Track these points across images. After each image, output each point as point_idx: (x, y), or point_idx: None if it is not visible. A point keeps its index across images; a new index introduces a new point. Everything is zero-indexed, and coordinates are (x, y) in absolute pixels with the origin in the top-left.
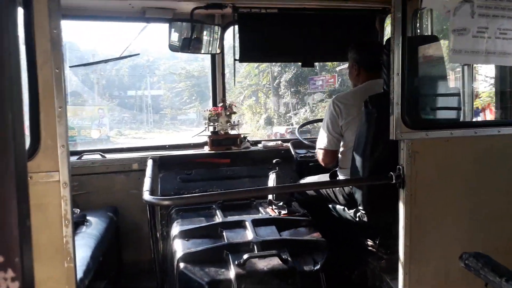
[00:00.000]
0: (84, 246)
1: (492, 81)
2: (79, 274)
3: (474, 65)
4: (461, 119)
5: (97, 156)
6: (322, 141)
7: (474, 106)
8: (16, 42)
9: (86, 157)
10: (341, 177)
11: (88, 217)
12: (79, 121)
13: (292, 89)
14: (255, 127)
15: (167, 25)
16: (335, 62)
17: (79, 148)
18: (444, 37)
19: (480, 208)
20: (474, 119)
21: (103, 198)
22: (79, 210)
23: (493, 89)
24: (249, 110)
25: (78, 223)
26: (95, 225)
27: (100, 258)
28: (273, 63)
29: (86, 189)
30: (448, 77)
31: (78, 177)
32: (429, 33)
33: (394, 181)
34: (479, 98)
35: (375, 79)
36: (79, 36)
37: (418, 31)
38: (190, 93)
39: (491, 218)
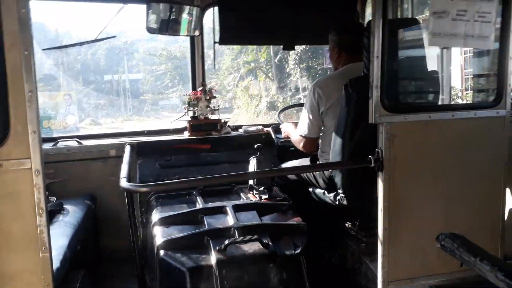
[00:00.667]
0: (60, 235)
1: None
2: (56, 264)
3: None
4: (440, 102)
5: (73, 143)
6: (302, 128)
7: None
8: None
9: (61, 143)
10: (321, 161)
11: (64, 205)
12: (41, 110)
13: (302, 65)
14: (254, 112)
15: (145, 6)
16: None
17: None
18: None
19: (456, 190)
20: None
21: (80, 185)
22: (55, 198)
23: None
24: (245, 92)
25: (54, 212)
26: (72, 213)
27: (77, 246)
28: None
29: (62, 177)
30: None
31: (53, 164)
32: (410, 16)
33: (373, 164)
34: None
35: (356, 62)
36: (53, 17)
37: (399, 14)
38: (172, 76)
39: (467, 200)
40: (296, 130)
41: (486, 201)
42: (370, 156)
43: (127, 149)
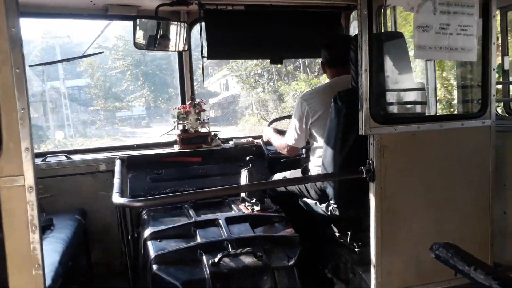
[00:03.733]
0: (51, 252)
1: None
2: (48, 281)
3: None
4: (427, 113)
5: (62, 158)
6: (289, 137)
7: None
8: None
9: (50, 159)
10: (312, 172)
11: (54, 221)
12: None
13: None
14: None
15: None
16: None
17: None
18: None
19: (446, 198)
20: None
21: (70, 200)
22: (44, 214)
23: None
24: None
25: (44, 228)
26: (62, 229)
27: (69, 263)
28: None
29: (51, 192)
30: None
31: (42, 179)
32: (393, 30)
33: (364, 175)
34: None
35: (341, 75)
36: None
37: (383, 28)
38: (133, 77)
39: (457, 208)
40: (278, 136)
41: (475, 209)
42: (361, 167)
43: (118, 163)
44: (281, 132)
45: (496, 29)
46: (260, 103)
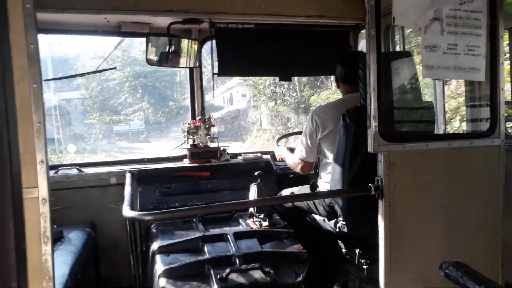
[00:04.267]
0: (62, 264)
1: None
2: None
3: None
4: (435, 131)
5: (73, 171)
6: (300, 152)
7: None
8: None
9: (62, 171)
10: (321, 188)
11: (65, 233)
12: None
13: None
14: None
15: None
16: None
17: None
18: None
19: (456, 217)
20: None
21: (80, 213)
22: (55, 226)
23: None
24: None
25: (54, 240)
26: (72, 241)
27: (78, 275)
28: None
29: (63, 204)
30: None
31: (54, 192)
32: (401, 49)
33: (373, 192)
34: None
35: (353, 93)
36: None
37: (391, 47)
38: (132, 88)
39: (466, 227)
40: (292, 154)
41: (485, 228)
42: (370, 184)
43: (128, 176)
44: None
45: (504, 49)
46: (279, 116)
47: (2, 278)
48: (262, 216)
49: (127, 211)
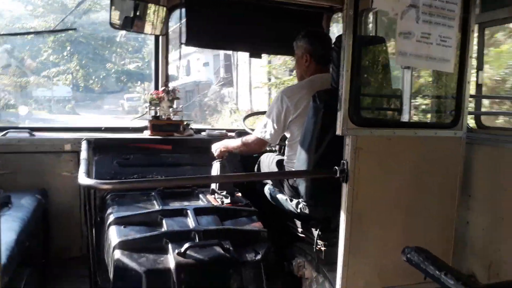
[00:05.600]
0: (7, 230)
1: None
2: (3, 260)
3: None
4: (402, 119)
5: (25, 134)
6: (262, 130)
7: None
8: None
9: (12, 134)
10: (286, 168)
11: (13, 199)
12: None
13: None
14: None
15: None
16: None
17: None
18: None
19: (416, 204)
20: None
21: (30, 179)
22: (2, 191)
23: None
24: None
25: (1, 205)
26: (20, 208)
27: (26, 243)
28: None
29: (11, 169)
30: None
31: (2, 155)
32: (374, 34)
33: (338, 175)
34: None
35: (322, 73)
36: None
37: (363, 32)
38: (57, 44)
39: (424, 215)
40: (242, 137)
41: (441, 217)
42: (335, 167)
43: (84, 144)
44: (241, 134)
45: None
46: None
47: None
48: (224, 193)
49: (83, 179)
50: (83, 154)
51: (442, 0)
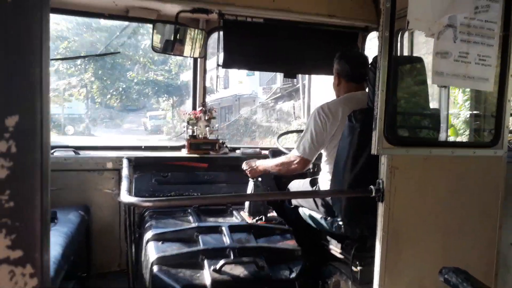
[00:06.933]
0: (54, 244)
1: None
2: (51, 273)
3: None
4: (439, 139)
5: (70, 153)
6: (302, 148)
7: None
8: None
9: (58, 153)
10: (321, 186)
11: (58, 215)
12: None
13: None
14: None
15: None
16: None
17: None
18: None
19: (454, 225)
20: None
21: (74, 196)
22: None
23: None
24: None
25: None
26: (65, 223)
27: (71, 257)
28: None
29: (57, 186)
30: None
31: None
32: (410, 54)
33: (373, 194)
34: None
35: (355, 92)
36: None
37: (399, 52)
38: (68, 50)
39: (464, 236)
40: (280, 157)
41: (482, 238)
42: (371, 186)
43: (125, 162)
44: (276, 154)
45: None
46: None
47: (26, 248)
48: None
49: (125, 197)
50: (124, 172)
51: (481, 20)
